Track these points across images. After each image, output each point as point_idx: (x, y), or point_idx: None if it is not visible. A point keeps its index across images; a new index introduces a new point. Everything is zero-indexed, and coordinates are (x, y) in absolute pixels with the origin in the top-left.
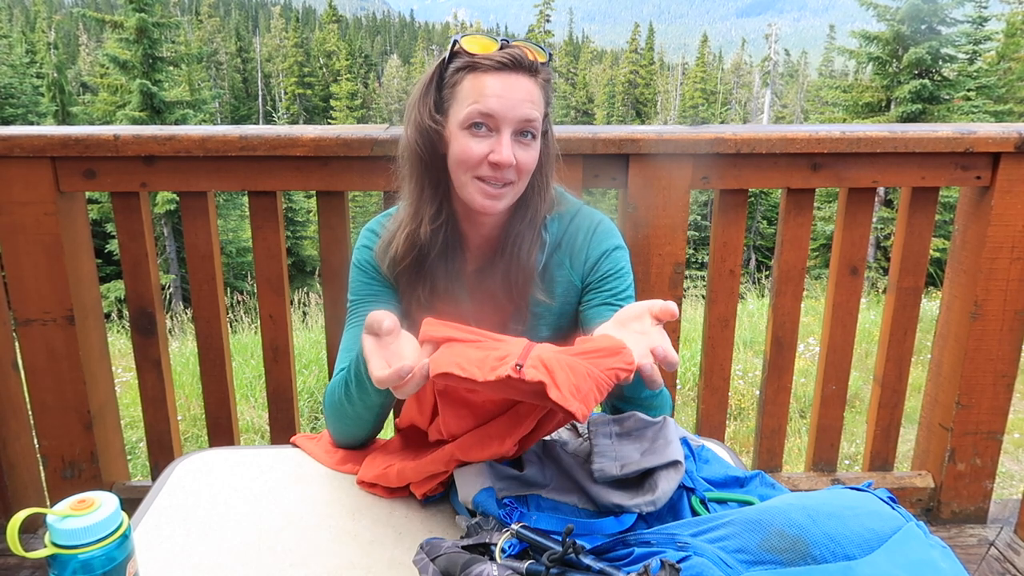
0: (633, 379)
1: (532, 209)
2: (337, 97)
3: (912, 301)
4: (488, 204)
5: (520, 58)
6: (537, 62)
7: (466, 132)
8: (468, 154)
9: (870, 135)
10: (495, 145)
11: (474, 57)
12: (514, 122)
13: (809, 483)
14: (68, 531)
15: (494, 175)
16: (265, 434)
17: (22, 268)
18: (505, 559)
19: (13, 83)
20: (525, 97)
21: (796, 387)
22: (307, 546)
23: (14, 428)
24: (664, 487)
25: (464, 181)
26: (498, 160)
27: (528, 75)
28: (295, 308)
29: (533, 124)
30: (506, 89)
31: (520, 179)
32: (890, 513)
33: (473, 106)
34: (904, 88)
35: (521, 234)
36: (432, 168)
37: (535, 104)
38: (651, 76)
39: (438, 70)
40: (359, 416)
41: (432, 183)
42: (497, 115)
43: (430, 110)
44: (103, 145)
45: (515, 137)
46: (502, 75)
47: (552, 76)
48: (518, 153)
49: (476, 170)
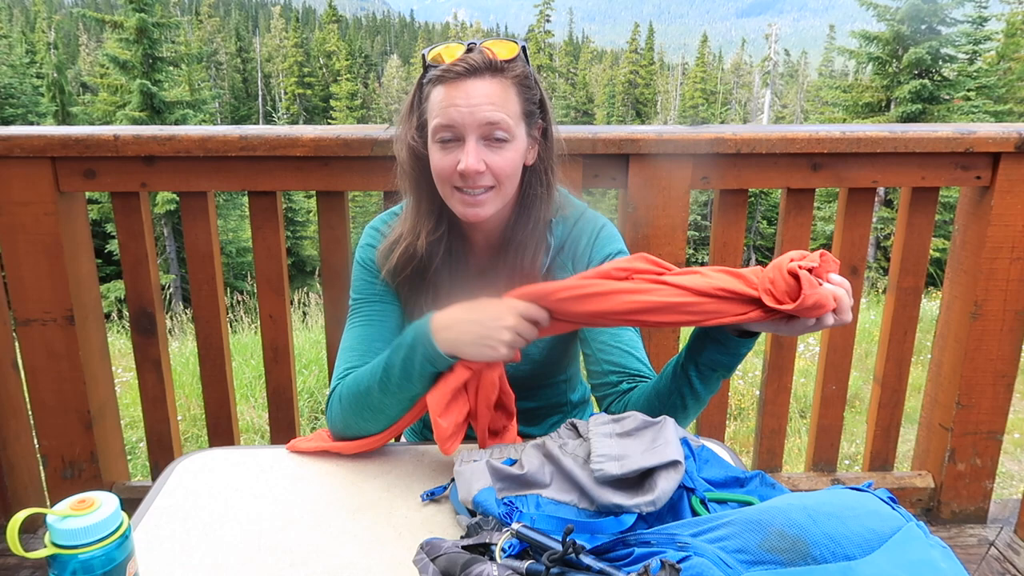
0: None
1: (536, 212)
2: (337, 97)
3: (912, 301)
4: (471, 212)
5: (476, 63)
6: (499, 61)
7: (436, 145)
8: (440, 167)
9: (870, 135)
10: (461, 154)
11: (436, 69)
12: (476, 128)
13: (809, 483)
14: (68, 531)
15: (466, 184)
16: (265, 434)
17: (22, 268)
18: (505, 559)
19: (13, 83)
20: (484, 100)
21: (796, 387)
22: (307, 546)
23: (14, 428)
24: (664, 487)
25: (446, 194)
26: (463, 169)
27: (489, 76)
28: (295, 308)
29: (498, 126)
30: (462, 96)
31: (502, 183)
32: (890, 513)
33: (437, 119)
34: (904, 88)
35: (525, 239)
36: (425, 182)
37: (497, 105)
38: (651, 76)
39: (417, 87)
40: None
41: (428, 197)
42: (457, 124)
43: (412, 128)
44: (103, 145)
45: (484, 142)
46: (460, 83)
47: (529, 70)
48: (488, 157)
49: (451, 181)
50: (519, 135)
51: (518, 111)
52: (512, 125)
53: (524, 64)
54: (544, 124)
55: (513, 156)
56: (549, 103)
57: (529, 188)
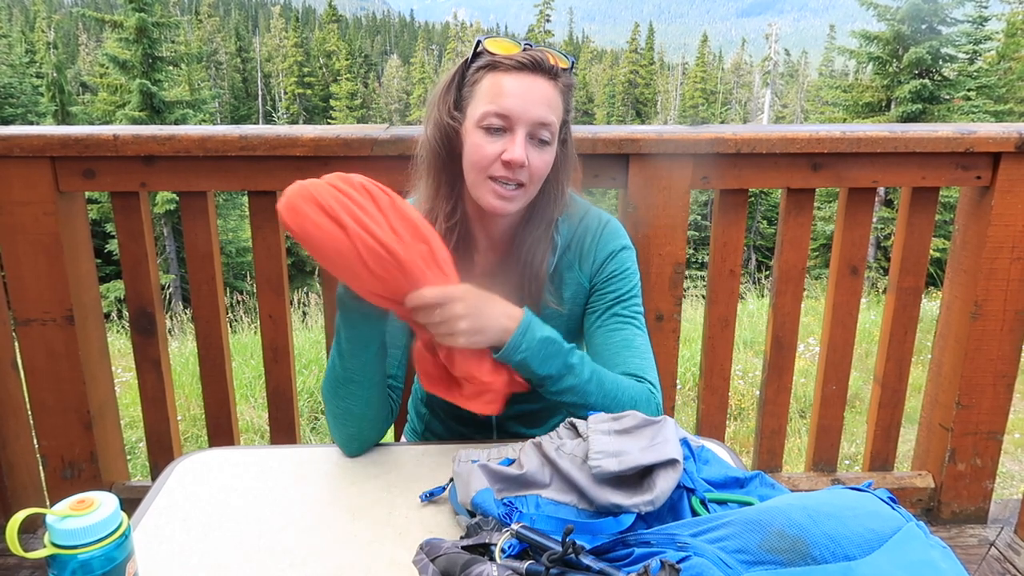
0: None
1: (546, 217)
2: (337, 97)
3: (912, 301)
4: (499, 205)
5: (540, 61)
6: (558, 67)
7: (481, 131)
8: (481, 152)
9: (870, 135)
10: (508, 144)
11: (495, 57)
12: (529, 123)
13: (809, 483)
14: (68, 531)
15: (506, 175)
16: (265, 434)
17: (22, 268)
18: (505, 559)
19: (13, 83)
20: (541, 100)
21: (796, 387)
22: (307, 546)
23: (14, 428)
24: (663, 486)
25: (477, 181)
26: (511, 158)
27: (547, 78)
28: (295, 308)
29: (548, 127)
30: (523, 90)
31: (532, 183)
32: (890, 513)
33: (489, 105)
34: (904, 88)
35: (534, 243)
36: (449, 166)
37: (551, 108)
38: (651, 76)
39: (460, 69)
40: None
41: (448, 181)
42: (512, 115)
43: (450, 107)
44: (103, 145)
45: (529, 139)
46: (520, 76)
47: (574, 83)
48: (531, 155)
49: (489, 170)
50: (555, 142)
51: (560, 119)
52: (556, 130)
53: (572, 77)
54: (566, 135)
55: (549, 159)
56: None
57: (544, 193)
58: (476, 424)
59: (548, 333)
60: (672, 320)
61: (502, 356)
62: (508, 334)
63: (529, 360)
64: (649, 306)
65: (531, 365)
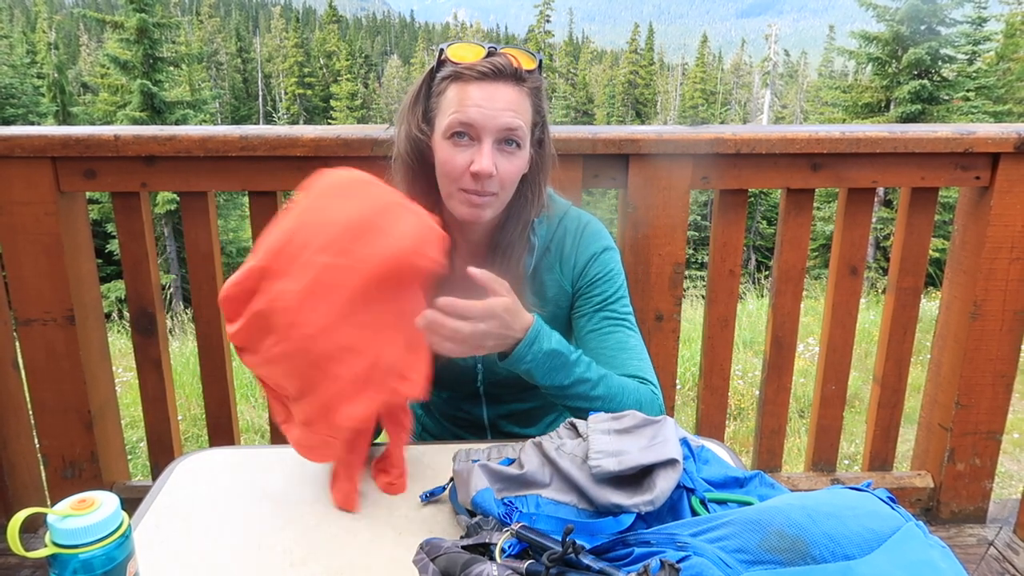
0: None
1: (523, 218)
2: (337, 97)
3: (912, 301)
4: (472, 213)
5: (502, 67)
6: (522, 70)
7: (448, 142)
8: (450, 165)
9: (870, 135)
10: (476, 155)
11: (458, 66)
12: (495, 131)
13: (809, 483)
14: (68, 531)
15: (475, 187)
16: (265, 434)
17: (22, 268)
18: (505, 559)
19: (14, 83)
20: (506, 106)
21: (796, 387)
22: (307, 546)
23: (14, 428)
24: (662, 486)
25: (449, 192)
26: (478, 170)
27: (512, 83)
28: None
29: (515, 133)
30: (486, 99)
31: (504, 189)
32: (889, 513)
33: (454, 115)
34: (903, 88)
35: (510, 244)
36: (422, 177)
37: (518, 112)
38: (651, 76)
39: (427, 79)
40: None
41: (424, 191)
42: (477, 124)
43: (418, 120)
44: (103, 145)
45: (498, 146)
46: (483, 84)
47: (543, 83)
48: (500, 163)
49: (459, 181)
50: (526, 145)
51: (530, 121)
52: (525, 134)
53: (540, 77)
54: (542, 135)
55: (520, 164)
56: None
57: (520, 195)
58: (470, 424)
59: (555, 345)
60: (672, 320)
61: (507, 364)
62: (515, 343)
63: (533, 371)
64: (649, 306)
65: (535, 376)
